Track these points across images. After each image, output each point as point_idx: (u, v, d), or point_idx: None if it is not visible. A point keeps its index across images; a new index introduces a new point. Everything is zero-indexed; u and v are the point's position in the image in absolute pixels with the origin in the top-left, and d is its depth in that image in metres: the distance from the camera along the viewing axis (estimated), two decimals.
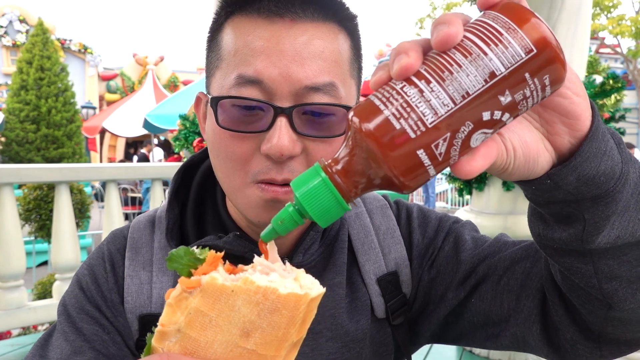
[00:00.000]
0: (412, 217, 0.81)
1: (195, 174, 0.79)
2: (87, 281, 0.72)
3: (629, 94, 18.33)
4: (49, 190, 4.10)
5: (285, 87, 0.59)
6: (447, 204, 13.85)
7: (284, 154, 0.58)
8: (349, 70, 0.66)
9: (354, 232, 0.77)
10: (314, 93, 0.60)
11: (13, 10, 17.51)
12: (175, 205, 0.74)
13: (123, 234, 0.77)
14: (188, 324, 0.36)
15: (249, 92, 0.60)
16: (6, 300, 2.66)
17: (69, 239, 2.83)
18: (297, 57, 0.59)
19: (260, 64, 0.59)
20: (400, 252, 0.78)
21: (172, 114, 8.98)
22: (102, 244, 0.76)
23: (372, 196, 0.85)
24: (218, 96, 0.62)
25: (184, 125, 3.36)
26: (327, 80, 0.61)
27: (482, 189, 2.80)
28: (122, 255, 0.73)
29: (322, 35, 0.62)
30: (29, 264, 3.97)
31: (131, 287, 0.71)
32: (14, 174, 2.67)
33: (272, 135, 0.58)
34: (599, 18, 17.91)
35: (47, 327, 3.64)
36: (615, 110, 2.52)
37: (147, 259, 0.73)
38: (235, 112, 0.61)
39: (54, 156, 10.26)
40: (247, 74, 0.60)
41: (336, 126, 0.62)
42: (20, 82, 10.36)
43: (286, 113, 0.59)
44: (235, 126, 0.61)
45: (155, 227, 0.76)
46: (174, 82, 20.00)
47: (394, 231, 0.79)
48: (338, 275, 0.72)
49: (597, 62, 2.49)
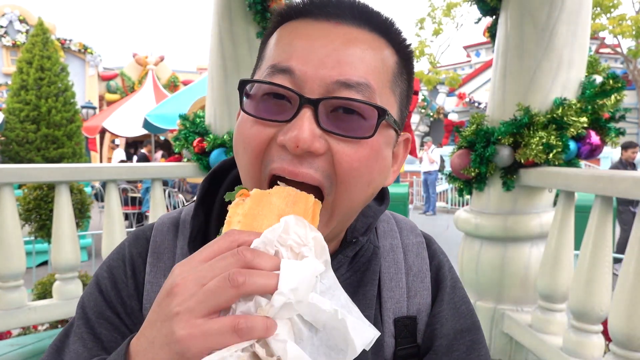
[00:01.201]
0: (443, 284, 0.77)
1: (225, 179, 0.76)
2: (107, 285, 0.70)
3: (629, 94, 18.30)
4: (49, 190, 4.10)
5: (316, 80, 0.56)
6: (447, 204, 13.86)
7: (300, 145, 0.55)
8: (390, 83, 0.62)
9: (385, 265, 0.75)
10: (345, 89, 0.57)
11: (13, 10, 17.50)
12: (201, 213, 0.71)
13: (145, 235, 0.74)
14: (245, 216, 0.52)
15: (280, 80, 0.57)
16: (6, 300, 2.66)
17: (69, 239, 2.82)
18: (334, 54, 0.57)
19: (296, 55, 0.58)
20: (426, 300, 0.75)
21: (172, 114, 8.98)
22: (124, 245, 0.74)
23: (409, 227, 0.82)
24: (245, 80, 0.60)
25: (184, 125, 3.35)
26: (362, 80, 0.58)
27: (482, 189, 2.80)
28: (143, 260, 0.72)
29: (365, 40, 0.60)
30: (29, 264, 3.97)
31: (151, 295, 0.69)
32: (14, 174, 2.67)
33: (292, 126, 0.56)
34: (600, 18, 17.89)
35: (47, 327, 3.64)
36: (615, 110, 2.52)
37: (168, 266, 0.71)
38: (262, 99, 0.59)
39: (54, 156, 10.24)
40: (281, 64, 0.58)
41: (364, 128, 0.58)
42: (20, 82, 10.35)
43: (312, 104, 0.56)
44: (259, 113, 0.59)
45: (179, 232, 0.74)
46: (174, 82, 19.99)
47: (425, 276, 0.77)
48: (367, 309, 0.70)
49: (597, 62, 2.47)
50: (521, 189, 2.67)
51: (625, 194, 1.92)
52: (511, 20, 2.66)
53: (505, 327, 2.70)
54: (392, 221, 0.83)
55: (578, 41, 2.54)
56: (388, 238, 0.79)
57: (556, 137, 2.45)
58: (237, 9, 3.08)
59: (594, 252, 2.03)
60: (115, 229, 2.97)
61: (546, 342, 2.32)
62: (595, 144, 2.51)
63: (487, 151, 2.60)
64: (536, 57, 2.54)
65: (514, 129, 2.54)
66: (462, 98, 20.22)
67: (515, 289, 2.72)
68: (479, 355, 0.74)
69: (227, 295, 0.42)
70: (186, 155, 3.36)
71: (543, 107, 2.55)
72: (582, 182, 2.16)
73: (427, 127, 23.35)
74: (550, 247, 2.36)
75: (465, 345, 0.74)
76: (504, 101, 2.69)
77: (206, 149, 3.17)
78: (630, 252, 1.83)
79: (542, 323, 2.41)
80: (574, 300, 2.12)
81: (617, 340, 1.84)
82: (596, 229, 2.04)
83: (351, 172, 0.58)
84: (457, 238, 3.18)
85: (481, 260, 2.81)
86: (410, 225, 0.83)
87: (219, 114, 3.26)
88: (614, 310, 1.86)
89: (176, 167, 3.44)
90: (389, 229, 0.81)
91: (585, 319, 2.09)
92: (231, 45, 3.13)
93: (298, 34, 0.60)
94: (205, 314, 0.42)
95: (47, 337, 3.40)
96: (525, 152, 2.49)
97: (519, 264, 2.70)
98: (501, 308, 2.74)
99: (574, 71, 2.56)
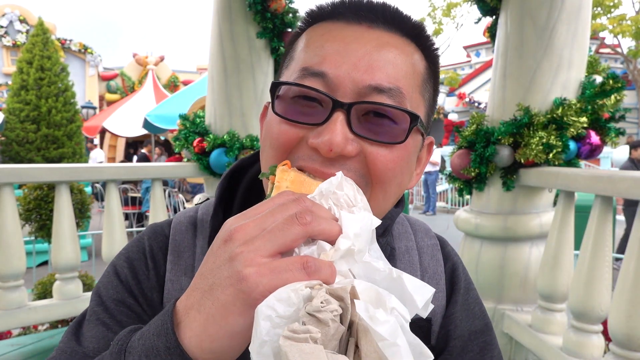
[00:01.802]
0: (457, 286, 0.77)
1: (243, 178, 0.75)
2: (127, 274, 0.69)
3: (629, 94, 18.31)
4: (49, 190, 4.10)
5: (349, 84, 0.56)
6: (447, 204, 13.85)
7: (333, 149, 0.54)
8: (420, 87, 0.63)
9: (400, 267, 0.75)
10: (377, 94, 0.57)
11: (13, 10, 17.51)
12: (220, 212, 0.71)
13: (164, 232, 0.74)
14: (292, 182, 0.54)
15: (312, 83, 0.57)
16: (6, 300, 2.66)
17: (69, 239, 2.82)
18: (367, 58, 0.57)
19: (328, 58, 0.57)
20: (441, 302, 0.75)
21: (172, 114, 8.99)
22: (142, 238, 0.73)
23: (423, 230, 0.82)
24: (278, 81, 0.60)
25: (184, 125, 3.35)
26: (394, 86, 0.58)
27: (482, 189, 2.79)
28: (163, 255, 0.71)
29: (397, 45, 0.60)
30: (29, 264, 3.97)
31: (172, 293, 0.69)
32: (14, 174, 2.67)
33: (325, 129, 0.55)
34: (600, 18, 17.90)
35: (47, 327, 3.64)
36: (615, 110, 2.51)
37: (189, 264, 0.71)
38: (293, 101, 0.58)
39: (54, 156, 10.25)
40: (313, 67, 0.58)
41: (397, 133, 0.58)
42: (20, 82, 10.35)
43: (345, 109, 0.56)
44: (290, 115, 0.58)
45: (198, 231, 0.73)
46: (174, 82, 19.99)
47: (440, 279, 0.76)
48: None
49: (597, 62, 2.47)
50: (521, 189, 2.67)
51: (625, 194, 1.92)
52: (511, 20, 2.66)
53: (505, 327, 2.70)
54: (406, 223, 0.83)
55: (578, 41, 2.54)
56: (403, 240, 0.79)
57: (556, 137, 2.45)
58: (237, 9, 3.08)
59: (594, 252, 2.03)
60: (115, 229, 2.97)
61: (546, 342, 2.32)
62: (595, 144, 2.51)
63: (487, 151, 2.60)
64: (536, 57, 2.54)
65: (514, 129, 2.54)
66: (462, 98, 20.23)
67: (515, 289, 2.72)
68: (492, 357, 0.75)
69: (294, 234, 0.42)
70: (186, 155, 3.35)
71: (543, 107, 2.55)
72: (582, 182, 2.16)
73: None
74: (550, 247, 2.36)
75: (478, 346, 0.74)
76: (504, 101, 2.69)
77: (206, 149, 3.17)
78: (630, 252, 1.83)
79: (542, 323, 2.41)
80: (574, 300, 2.12)
81: (617, 340, 1.84)
82: (596, 229, 2.04)
83: (386, 173, 0.59)
84: (457, 238, 3.18)
85: (481, 260, 2.81)
86: (424, 227, 0.83)
87: (219, 114, 3.26)
88: (614, 310, 1.86)
89: (176, 167, 3.44)
90: (404, 230, 0.81)
91: (585, 319, 2.09)
92: (231, 45, 3.13)
93: (331, 37, 0.60)
94: (270, 254, 0.41)
95: (47, 337, 3.40)
96: (525, 152, 2.49)
97: (519, 264, 2.70)
98: (501, 308, 2.74)
99: (574, 71, 2.56)
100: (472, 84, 20.93)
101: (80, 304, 2.88)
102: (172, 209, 8.46)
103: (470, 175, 2.74)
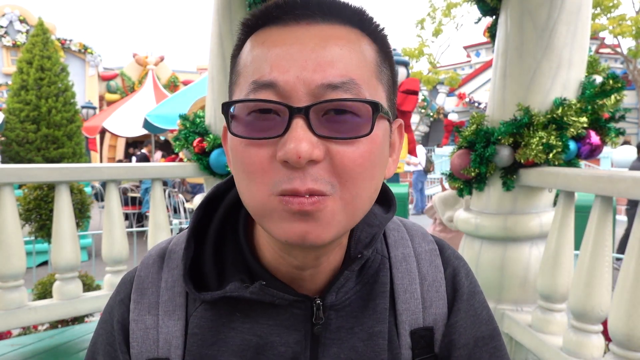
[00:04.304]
0: (459, 292, 0.75)
1: (219, 207, 0.71)
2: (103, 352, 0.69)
3: (629, 94, 18.30)
4: (49, 190, 4.10)
5: (301, 88, 0.54)
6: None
7: (302, 156, 0.52)
8: (375, 72, 0.60)
9: (398, 276, 0.72)
10: (332, 91, 0.54)
11: (13, 10, 17.49)
12: (192, 243, 0.68)
13: (130, 276, 0.72)
14: None
15: (264, 95, 0.55)
16: (6, 300, 2.66)
17: (69, 239, 2.82)
18: (313, 57, 0.55)
19: (274, 66, 0.55)
20: (442, 309, 0.73)
21: (172, 114, 8.98)
22: (107, 310, 0.72)
23: (420, 234, 0.79)
24: (229, 101, 0.58)
25: (184, 125, 3.35)
26: (347, 78, 0.55)
27: (482, 189, 2.80)
28: (127, 306, 0.69)
29: (341, 36, 0.58)
30: (29, 264, 3.98)
31: (136, 333, 0.66)
32: (14, 174, 2.67)
33: (287, 139, 0.53)
34: (600, 18, 17.90)
35: (47, 327, 3.64)
36: (615, 110, 2.51)
37: (152, 302, 0.68)
38: (249, 118, 0.56)
39: (54, 156, 10.23)
40: (262, 79, 0.55)
41: (361, 125, 0.56)
42: (20, 82, 10.34)
43: (302, 113, 0.54)
44: (248, 133, 0.56)
45: (165, 263, 0.70)
46: (174, 82, 19.98)
47: (440, 285, 0.74)
48: (379, 324, 0.67)
49: (597, 62, 2.47)
50: (521, 189, 2.67)
51: (625, 194, 1.92)
52: (511, 21, 2.66)
53: (505, 327, 2.70)
54: (402, 229, 0.79)
55: (578, 41, 2.54)
56: (400, 247, 0.75)
57: (556, 137, 2.45)
58: (237, 9, 3.08)
59: (594, 252, 2.03)
60: (115, 229, 2.97)
61: (546, 342, 2.32)
62: (595, 144, 2.51)
63: (487, 151, 2.60)
64: (536, 57, 2.54)
65: (514, 129, 2.54)
66: (462, 98, 20.23)
67: (515, 289, 2.72)
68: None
69: None
70: (186, 155, 3.35)
71: (543, 107, 2.55)
72: (582, 182, 2.16)
73: (427, 127, 23.33)
74: (550, 247, 2.36)
75: (488, 352, 0.73)
76: (504, 101, 2.69)
77: (206, 149, 3.17)
78: (630, 252, 1.83)
79: (542, 323, 2.41)
80: (573, 300, 2.12)
81: (617, 340, 1.84)
82: (596, 229, 2.04)
83: (356, 169, 0.56)
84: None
85: (481, 260, 2.81)
86: (421, 231, 0.80)
87: (219, 114, 3.26)
88: (614, 310, 1.86)
89: (176, 167, 3.44)
90: (400, 237, 0.77)
91: (585, 319, 2.09)
92: (231, 45, 3.12)
93: (271, 43, 0.57)
94: None
95: (47, 337, 3.40)
96: (525, 152, 2.49)
97: (519, 264, 2.70)
98: (501, 308, 2.74)
99: (573, 71, 2.56)
100: (472, 84, 20.91)
101: (80, 304, 2.88)
102: (172, 209, 8.47)
103: (470, 175, 2.74)
